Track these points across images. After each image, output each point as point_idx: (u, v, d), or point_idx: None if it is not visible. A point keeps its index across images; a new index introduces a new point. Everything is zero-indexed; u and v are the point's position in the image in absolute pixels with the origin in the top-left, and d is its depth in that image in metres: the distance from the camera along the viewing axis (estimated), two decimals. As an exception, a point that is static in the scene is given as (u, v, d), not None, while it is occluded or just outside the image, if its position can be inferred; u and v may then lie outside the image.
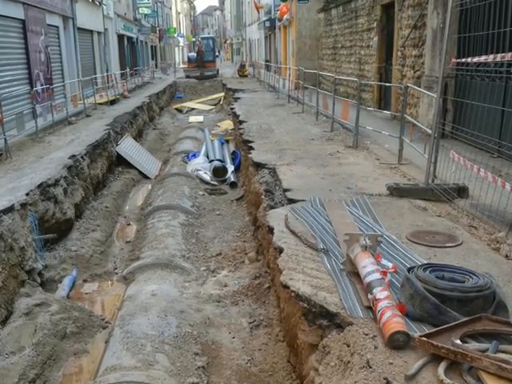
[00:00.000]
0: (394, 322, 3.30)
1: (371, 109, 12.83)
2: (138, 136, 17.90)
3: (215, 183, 12.24)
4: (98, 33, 26.97)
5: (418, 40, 11.95)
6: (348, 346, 3.51)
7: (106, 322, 6.07)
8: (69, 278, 7.12)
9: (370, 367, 3.12)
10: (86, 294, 7.02)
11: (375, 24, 15.61)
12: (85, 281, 7.36)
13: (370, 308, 3.71)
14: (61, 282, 7.02)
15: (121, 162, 13.68)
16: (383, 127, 10.74)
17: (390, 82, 13.73)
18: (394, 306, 3.45)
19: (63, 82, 19.31)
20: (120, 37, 33.52)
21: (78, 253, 7.96)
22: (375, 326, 3.50)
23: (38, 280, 6.86)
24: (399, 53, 13.32)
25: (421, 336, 3.18)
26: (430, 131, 6.84)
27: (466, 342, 3.14)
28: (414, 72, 12.23)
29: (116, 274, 7.62)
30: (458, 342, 3.07)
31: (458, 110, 9.06)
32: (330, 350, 3.71)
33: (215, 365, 5.22)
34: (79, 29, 22.54)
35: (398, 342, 3.23)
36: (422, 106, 10.96)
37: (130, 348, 5.19)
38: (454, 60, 7.08)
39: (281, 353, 5.28)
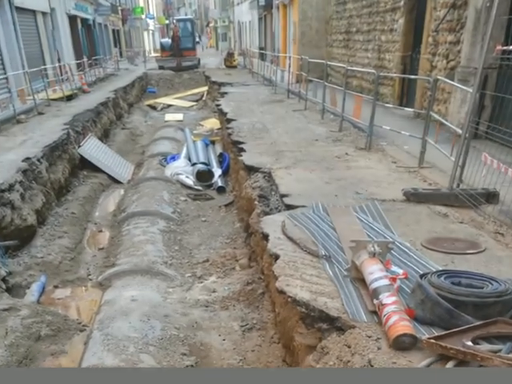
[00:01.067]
0: (401, 325, 3.82)
1: (390, 105, 13.18)
2: (105, 136, 19.13)
3: (200, 188, 13.33)
4: (43, 13, 27.21)
5: (456, 23, 12.14)
6: (349, 347, 4.13)
7: (83, 326, 7.15)
8: (37, 284, 8.20)
9: (372, 366, 3.66)
10: (59, 299, 8.13)
11: (402, 2, 15.73)
12: (56, 287, 8.45)
13: (375, 313, 4.34)
14: (29, 288, 8.10)
15: (86, 165, 14.79)
16: (403, 126, 11.50)
17: (416, 74, 14.23)
18: (401, 311, 4.01)
19: (5, 73, 19.82)
20: (72, 18, 34.01)
21: (45, 259, 9.06)
22: (379, 329, 4.10)
23: (3, 286, 7.93)
24: (430, 39, 13.58)
25: (429, 338, 3.65)
26: (460, 131, 7.49)
27: (478, 344, 3.64)
28: (448, 62, 12.63)
29: (90, 280, 8.74)
30: (470, 343, 3.56)
31: (498, 107, 9.42)
32: (329, 350, 4.42)
33: (205, 364, 6.25)
34: (18, 8, 22.85)
35: (403, 344, 3.77)
36: (454, 103, 11.52)
37: (112, 349, 6.25)
38: (499, 47, 7.13)
39: (276, 353, 6.25)
